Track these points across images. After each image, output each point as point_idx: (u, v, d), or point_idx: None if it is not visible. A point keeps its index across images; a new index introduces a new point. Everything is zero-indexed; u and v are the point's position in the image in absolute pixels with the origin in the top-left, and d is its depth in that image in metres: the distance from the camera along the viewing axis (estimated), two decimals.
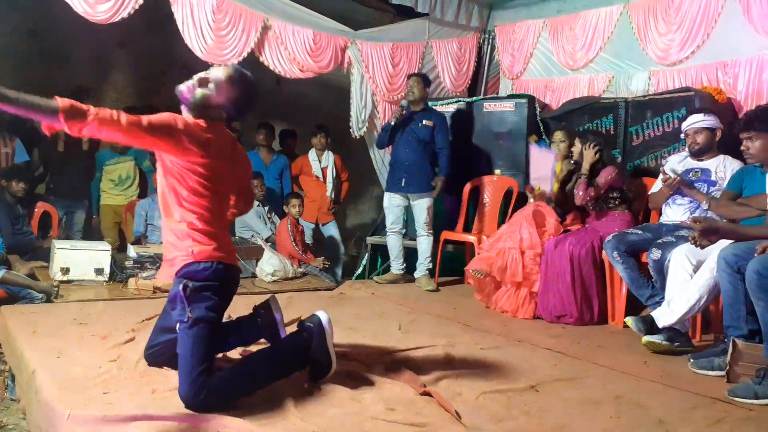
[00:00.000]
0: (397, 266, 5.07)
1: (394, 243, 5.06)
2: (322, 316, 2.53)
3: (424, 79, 5.03)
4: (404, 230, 5.14)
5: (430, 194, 4.92)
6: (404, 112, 4.87)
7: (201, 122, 2.32)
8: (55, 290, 3.81)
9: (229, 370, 2.30)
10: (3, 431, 2.80)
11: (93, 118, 2.03)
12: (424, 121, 4.92)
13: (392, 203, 5.02)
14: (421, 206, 4.92)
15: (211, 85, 2.35)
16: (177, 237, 2.32)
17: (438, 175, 4.94)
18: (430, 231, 4.95)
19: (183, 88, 2.36)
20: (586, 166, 4.12)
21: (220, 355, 2.62)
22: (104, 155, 5.41)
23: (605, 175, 4.06)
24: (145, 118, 2.15)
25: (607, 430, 2.25)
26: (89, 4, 4.22)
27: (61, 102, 2.00)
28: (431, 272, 4.96)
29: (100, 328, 3.12)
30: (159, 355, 2.53)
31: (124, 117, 2.10)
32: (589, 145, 4.13)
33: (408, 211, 5.12)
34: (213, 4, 4.73)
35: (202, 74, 2.37)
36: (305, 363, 2.47)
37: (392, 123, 4.91)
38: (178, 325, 2.25)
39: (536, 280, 3.99)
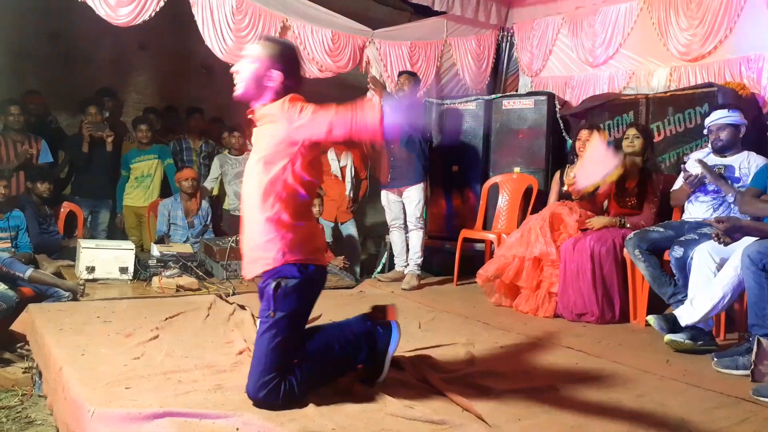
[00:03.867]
0: (400, 263, 5.08)
1: (396, 239, 5.08)
2: (395, 329, 2.48)
3: (415, 78, 5.11)
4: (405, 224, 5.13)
5: (420, 186, 4.91)
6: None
7: (293, 96, 2.34)
8: (81, 289, 3.88)
9: (299, 370, 2.25)
10: (31, 427, 2.86)
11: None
12: None
13: (388, 200, 5.06)
14: (411, 199, 4.92)
15: (251, 64, 2.34)
16: (267, 236, 2.24)
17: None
18: (422, 225, 4.94)
19: (239, 90, 2.35)
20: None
21: None
22: (131, 155, 5.48)
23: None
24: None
25: (629, 429, 2.23)
26: (111, 7, 4.29)
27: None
28: (421, 267, 4.94)
29: (124, 326, 3.18)
30: None
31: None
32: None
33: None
34: (233, 6, 4.77)
35: (234, 69, 2.37)
36: (363, 362, 2.46)
37: None
38: (259, 321, 2.27)
39: (554, 283, 3.97)
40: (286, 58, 2.40)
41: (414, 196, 4.91)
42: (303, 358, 2.31)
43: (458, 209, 5.55)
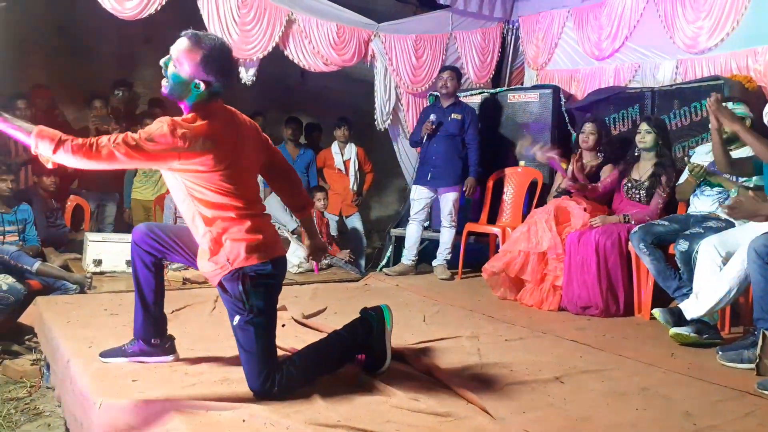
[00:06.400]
0: (409, 256, 5.09)
1: (412, 232, 5.09)
2: (386, 310, 2.54)
3: (458, 73, 5.11)
4: (427, 222, 5.20)
5: (458, 188, 4.95)
6: (433, 125, 4.92)
7: (189, 116, 2.16)
8: (88, 281, 3.91)
9: (297, 359, 2.31)
10: (40, 418, 2.89)
11: (66, 145, 2.00)
12: (453, 115, 4.94)
13: (419, 195, 5.06)
14: (448, 198, 4.97)
15: (173, 65, 2.21)
16: (215, 247, 2.21)
17: (469, 176, 4.98)
18: (454, 223, 4.99)
19: (162, 86, 2.25)
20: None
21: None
22: None
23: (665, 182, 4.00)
24: (133, 137, 2.03)
25: (633, 422, 2.24)
26: (118, 0, 4.30)
27: (37, 127, 2.02)
28: (449, 262, 5.00)
29: (131, 319, 3.15)
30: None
31: (109, 140, 2.02)
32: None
33: (434, 202, 5.15)
34: None
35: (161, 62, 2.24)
36: (361, 350, 2.49)
37: (423, 137, 4.96)
38: (237, 320, 2.21)
39: (559, 276, 3.97)
40: (215, 62, 2.19)
41: (450, 197, 4.97)
42: (302, 349, 2.37)
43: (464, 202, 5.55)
